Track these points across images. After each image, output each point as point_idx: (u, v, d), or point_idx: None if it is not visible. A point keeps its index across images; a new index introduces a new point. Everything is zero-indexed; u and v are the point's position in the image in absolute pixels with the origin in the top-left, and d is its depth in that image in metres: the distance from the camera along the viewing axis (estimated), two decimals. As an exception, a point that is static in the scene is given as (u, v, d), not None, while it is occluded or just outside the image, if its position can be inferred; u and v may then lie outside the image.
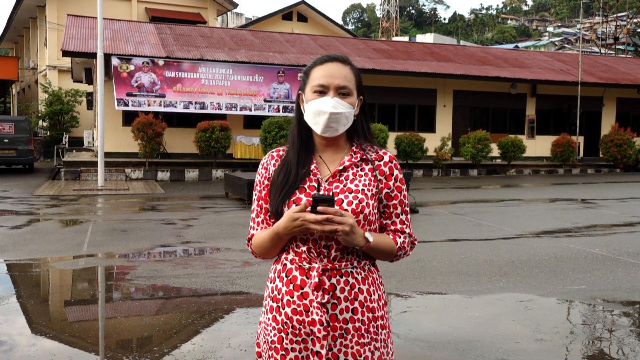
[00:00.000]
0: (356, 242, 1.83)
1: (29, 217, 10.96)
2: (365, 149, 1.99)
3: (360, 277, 1.91)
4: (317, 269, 1.86)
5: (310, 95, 1.95)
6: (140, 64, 18.80)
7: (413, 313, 5.30)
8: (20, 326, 4.96)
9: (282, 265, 1.95)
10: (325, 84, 1.92)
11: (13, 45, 41.23)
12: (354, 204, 1.87)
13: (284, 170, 1.95)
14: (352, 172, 1.94)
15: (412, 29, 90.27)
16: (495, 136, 23.04)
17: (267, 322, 1.96)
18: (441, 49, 27.17)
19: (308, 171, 1.94)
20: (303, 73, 2.02)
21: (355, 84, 1.97)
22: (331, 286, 1.87)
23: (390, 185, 1.97)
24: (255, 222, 2.03)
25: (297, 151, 1.97)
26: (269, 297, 1.97)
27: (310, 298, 1.86)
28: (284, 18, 35.93)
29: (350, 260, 1.90)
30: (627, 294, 6.02)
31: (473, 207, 12.77)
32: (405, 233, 2.00)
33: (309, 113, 1.95)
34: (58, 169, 19.18)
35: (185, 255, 7.96)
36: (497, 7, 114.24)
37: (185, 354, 4.30)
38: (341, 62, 1.96)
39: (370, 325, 1.91)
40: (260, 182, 2.02)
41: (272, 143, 18.48)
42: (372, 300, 1.92)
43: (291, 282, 1.90)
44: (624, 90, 26.66)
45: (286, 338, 1.89)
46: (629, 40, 41.58)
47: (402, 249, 1.98)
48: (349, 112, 1.94)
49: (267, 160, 2.03)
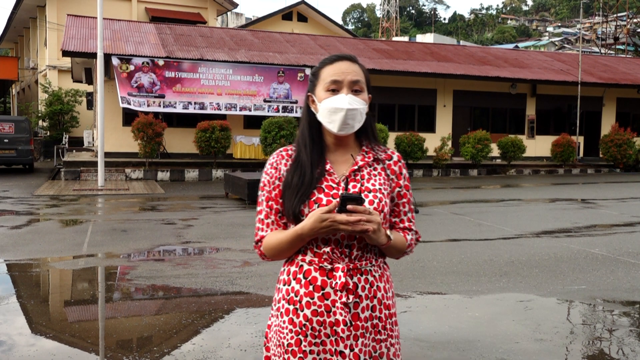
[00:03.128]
0: (380, 241, 1.85)
1: (29, 217, 10.96)
2: (374, 148, 2.00)
3: (377, 275, 1.92)
4: (342, 269, 1.86)
5: (322, 94, 1.93)
6: (140, 64, 18.80)
7: (413, 313, 5.30)
8: (20, 326, 4.96)
9: (298, 267, 1.91)
10: (338, 79, 1.91)
11: (13, 45, 41.24)
12: (375, 202, 1.88)
13: (298, 172, 1.92)
14: (367, 172, 1.95)
15: (412, 29, 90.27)
16: (495, 136, 23.03)
17: (282, 324, 1.92)
18: (441, 49, 27.17)
19: (323, 171, 1.92)
20: (311, 74, 2.01)
21: (365, 82, 1.97)
22: (354, 285, 1.87)
23: (401, 184, 2.00)
24: (265, 223, 1.97)
25: (310, 152, 1.94)
26: (284, 300, 1.92)
27: (332, 299, 1.85)
28: (284, 18, 35.93)
29: (369, 259, 1.91)
30: (627, 294, 6.02)
31: (473, 207, 12.77)
32: (412, 230, 2.03)
33: (323, 112, 1.92)
34: (58, 169, 19.18)
35: (185, 255, 7.96)
36: (497, 7, 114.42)
37: (185, 354, 4.30)
38: (350, 60, 1.96)
39: (387, 322, 1.93)
40: (269, 182, 1.97)
41: (272, 143, 18.48)
42: (387, 297, 1.94)
43: (311, 283, 1.87)
44: (624, 90, 26.65)
45: (304, 340, 1.87)
46: (629, 40, 41.58)
47: (410, 245, 2.01)
48: (364, 108, 1.94)
49: (276, 160, 1.98)
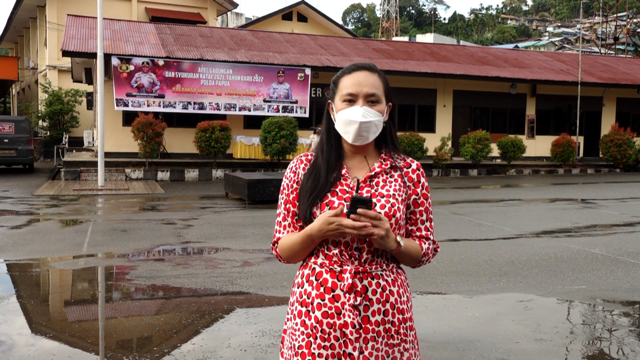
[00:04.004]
0: (389, 246, 1.85)
1: (29, 217, 10.96)
2: (393, 156, 2.01)
3: (390, 279, 1.93)
4: (350, 271, 1.87)
5: (340, 105, 1.96)
6: (140, 64, 18.79)
7: (413, 313, 5.29)
8: (19, 326, 4.96)
9: (311, 269, 1.94)
10: (354, 92, 1.94)
11: (13, 45, 41.23)
12: (386, 207, 1.90)
13: (313, 175, 1.95)
14: (382, 179, 1.96)
15: (412, 29, 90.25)
16: (495, 136, 23.03)
17: (295, 327, 1.94)
18: (441, 49, 27.16)
19: (339, 175, 1.95)
20: (332, 82, 2.04)
21: (384, 91, 1.98)
22: (363, 288, 1.88)
23: (418, 192, 2.00)
24: (282, 225, 2.02)
25: (327, 158, 1.97)
26: (297, 302, 1.95)
27: (342, 301, 1.87)
28: (284, 18, 35.93)
29: (380, 263, 1.92)
30: (627, 294, 6.02)
31: (473, 207, 12.77)
32: (429, 240, 2.02)
33: (339, 123, 1.96)
34: (58, 169, 19.19)
35: (185, 255, 7.96)
36: (497, 7, 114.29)
37: (185, 354, 4.30)
38: (369, 70, 1.98)
39: (400, 327, 1.94)
40: (288, 186, 2.02)
41: (272, 143, 18.48)
42: (402, 302, 1.95)
43: (322, 285, 1.90)
44: (624, 90, 26.65)
45: (314, 342, 1.88)
46: (629, 40, 41.57)
47: (426, 254, 2.01)
48: (379, 120, 1.95)
49: (296, 164, 2.03)
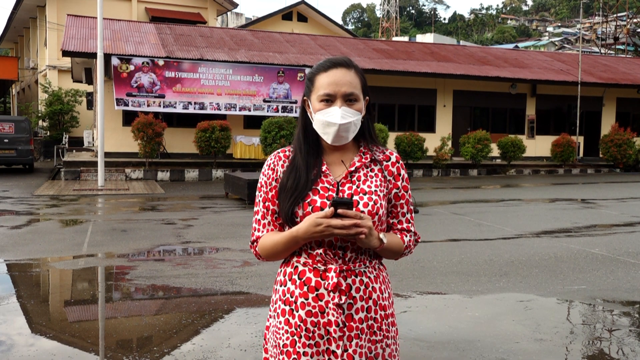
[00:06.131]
0: (372, 244, 1.85)
1: (29, 217, 10.96)
2: (372, 149, 1.99)
3: (372, 276, 1.92)
4: (335, 269, 1.86)
5: (317, 105, 1.92)
6: (140, 64, 18.80)
7: (413, 313, 5.30)
8: (19, 326, 4.96)
9: (293, 267, 1.92)
10: (331, 92, 1.89)
11: (13, 45, 41.23)
12: (369, 205, 1.88)
13: (293, 174, 1.92)
14: (363, 173, 1.94)
15: (412, 29, 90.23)
16: (495, 136, 23.04)
17: (278, 325, 1.93)
18: (441, 49, 27.16)
19: (319, 173, 1.92)
20: (307, 79, 1.99)
21: (361, 87, 1.95)
22: (347, 287, 1.87)
23: (399, 186, 1.99)
24: (261, 224, 1.98)
25: (305, 156, 1.94)
26: (280, 300, 1.93)
27: (326, 299, 1.86)
28: (284, 18, 35.93)
29: (363, 261, 1.91)
30: (627, 294, 6.02)
31: (473, 207, 12.77)
32: (410, 232, 2.02)
33: (317, 124, 1.93)
34: (58, 169, 19.18)
35: (185, 255, 7.96)
36: (497, 7, 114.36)
37: (185, 354, 4.30)
38: (345, 67, 1.93)
39: (383, 323, 1.93)
40: (267, 183, 1.97)
41: (272, 143, 18.48)
42: (384, 299, 1.94)
43: (305, 284, 1.88)
44: (624, 90, 26.65)
45: (299, 341, 1.87)
46: (629, 40, 41.57)
47: (408, 247, 2.01)
48: (357, 119, 1.92)
49: (274, 161, 1.98)
